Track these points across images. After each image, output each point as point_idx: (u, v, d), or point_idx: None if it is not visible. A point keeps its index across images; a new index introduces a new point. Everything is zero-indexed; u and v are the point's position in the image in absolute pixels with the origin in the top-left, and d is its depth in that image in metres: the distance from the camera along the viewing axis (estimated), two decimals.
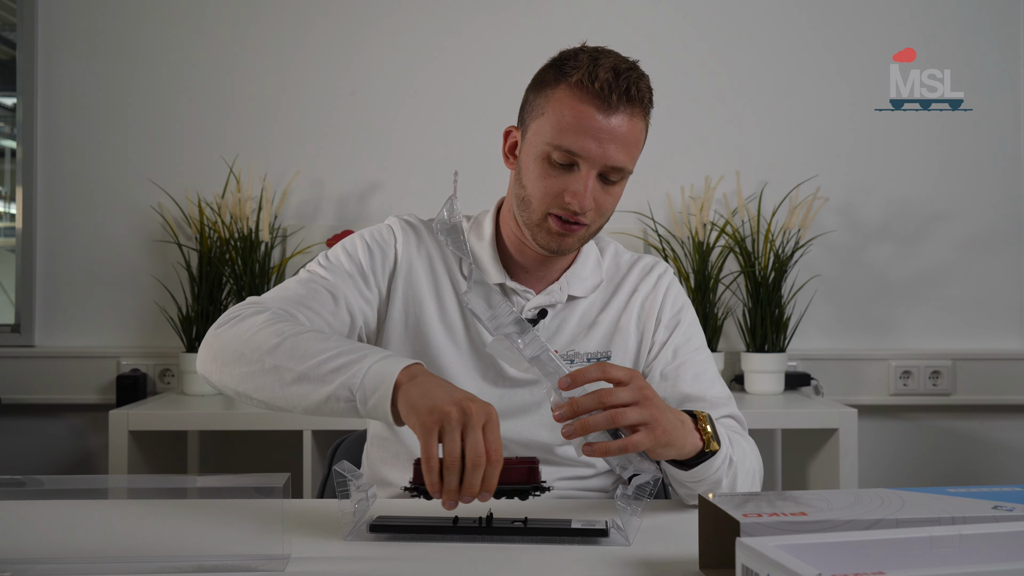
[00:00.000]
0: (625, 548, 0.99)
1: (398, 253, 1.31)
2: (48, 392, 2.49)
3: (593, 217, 1.23)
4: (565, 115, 1.18)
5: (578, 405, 0.99)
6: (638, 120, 1.21)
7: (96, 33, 2.55)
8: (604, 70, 1.17)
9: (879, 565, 0.69)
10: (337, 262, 1.28)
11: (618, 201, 1.26)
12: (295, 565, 0.92)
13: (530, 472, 0.98)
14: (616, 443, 0.99)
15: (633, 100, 1.18)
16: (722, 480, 1.14)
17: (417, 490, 0.96)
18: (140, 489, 1.13)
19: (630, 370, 1.03)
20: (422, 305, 1.29)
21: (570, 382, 1.00)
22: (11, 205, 2.66)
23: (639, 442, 1.00)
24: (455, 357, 1.29)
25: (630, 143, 1.20)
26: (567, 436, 1.00)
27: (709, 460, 1.10)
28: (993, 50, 2.63)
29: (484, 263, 1.31)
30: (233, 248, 2.36)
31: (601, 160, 1.18)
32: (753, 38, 2.62)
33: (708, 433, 1.09)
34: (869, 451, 2.56)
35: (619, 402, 0.99)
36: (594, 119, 1.17)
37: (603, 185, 1.21)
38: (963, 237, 2.63)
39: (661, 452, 1.04)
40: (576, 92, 1.18)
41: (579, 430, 0.99)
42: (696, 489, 1.14)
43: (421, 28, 2.57)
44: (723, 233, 2.45)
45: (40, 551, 0.93)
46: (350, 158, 2.57)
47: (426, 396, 0.97)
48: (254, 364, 1.07)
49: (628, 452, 1.00)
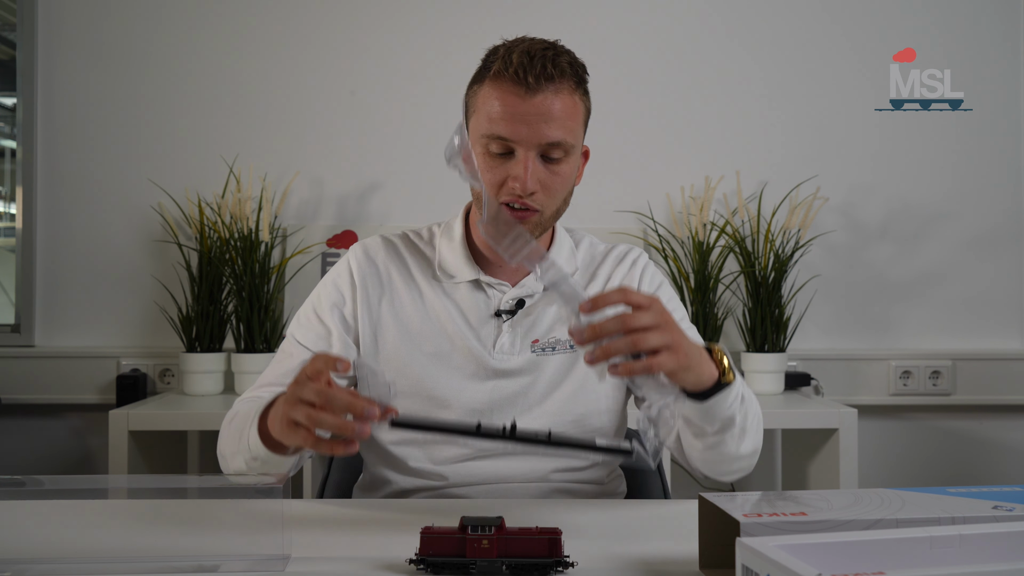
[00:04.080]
0: (625, 547, 0.99)
1: (356, 288, 1.34)
2: (48, 392, 2.49)
3: (543, 200, 1.24)
4: (492, 106, 1.22)
5: (601, 328, 0.99)
6: (566, 95, 1.23)
7: (96, 33, 2.55)
8: (518, 55, 1.21)
9: (879, 565, 0.69)
10: (308, 324, 1.35)
11: (570, 181, 1.28)
12: (295, 565, 0.92)
13: (552, 545, 0.90)
14: (640, 363, 0.99)
15: (552, 77, 1.21)
16: (735, 418, 1.15)
17: (423, 562, 0.89)
18: (140, 489, 1.13)
19: (650, 295, 1.03)
20: (402, 319, 1.33)
21: (591, 306, 1.00)
22: (11, 205, 2.66)
23: (663, 363, 1.00)
24: (441, 359, 1.31)
25: (562, 118, 1.22)
26: (589, 362, 1.00)
27: (725, 391, 1.11)
28: (993, 50, 2.63)
29: (457, 261, 1.35)
30: (233, 248, 2.36)
31: (535, 140, 1.21)
32: (753, 38, 2.62)
33: (724, 364, 1.10)
34: (869, 451, 2.56)
35: (641, 325, 0.99)
36: (517, 104, 1.21)
37: (546, 165, 1.24)
38: (963, 237, 2.63)
39: (682, 376, 1.04)
40: (497, 82, 1.23)
41: (601, 355, 0.99)
42: (709, 429, 1.15)
43: (421, 28, 2.57)
44: (723, 233, 2.45)
45: (40, 551, 0.93)
46: (350, 158, 2.57)
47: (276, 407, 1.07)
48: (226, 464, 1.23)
49: (652, 372, 1.00)
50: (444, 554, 0.89)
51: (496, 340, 1.32)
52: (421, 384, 1.29)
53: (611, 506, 1.25)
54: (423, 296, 1.35)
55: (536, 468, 1.31)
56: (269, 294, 2.38)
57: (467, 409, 1.30)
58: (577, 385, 1.32)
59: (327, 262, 2.51)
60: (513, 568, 0.89)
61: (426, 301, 1.34)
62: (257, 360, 2.32)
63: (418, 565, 0.90)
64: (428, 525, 0.91)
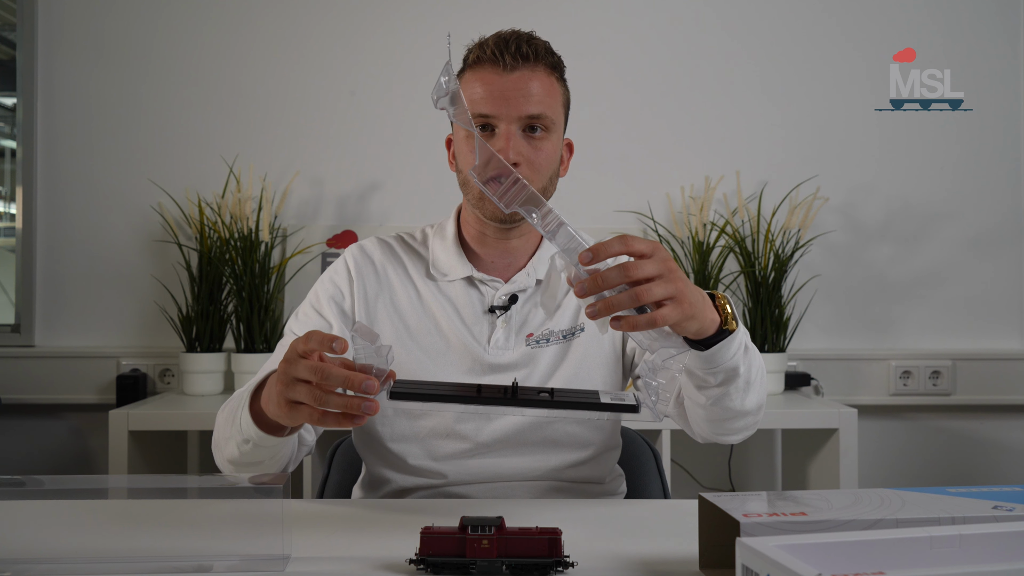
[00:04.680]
0: (625, 547, 0.99)
1: (353, 282, 1.36)
2: (48, 392, 2.49)
3: (528, 174, 1.26)
4: (474, 89, 1.27)
5: (603, 279, 0.94)
6: (543, 75, 1.28)
7: (96, 33, 2.55)
8: (493, 40, 1.28)
9: (879, 565, 0.69)
10: (307, 318, 1.36)
11: (553, 160, 1.30)
12: (295, 565, 0.92)
13: (552, 545, 0.89)
14: (644, 317, 0.95)
15: (528, 57, 1.26)
16: (739, 368, 1.11)
17: (423, 562, 0.89)
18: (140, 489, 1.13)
19: (652, 242, 0.98)
20: (399, 316, 1.35)
21: (592, 256, 0.95)
22: (11, 205, 2.66)
23: (667, 316, 0.96)
24: (438, 355, 1.32)
25: (540, 94, 1.27)
26: (591, 315, 0.96)
27: (728, 339, 1.07)
28: (993, 50, 2.63)
29: (450, 260, 1.37)
30: (233, 248, 2.36)
31: (514, 112, 1.25)
32: (754, 38, 2.62)
33: (728, 312, 1.07)
34: (869, 451, 2.56)
35: (644, 275, 0.95)
36: (495, 81, 1.26)
37: (528, 139, 1.27)
38: (963, 237, 2.63)
39: (685, 325, 1.00)
40: (476, 68, 1.28)
41: (603, 310, 0.95)
42: (713, 380, 1.11)
43: (421, 28, 2.57)
44: (723, 233, 2.45)
45: (40, 551, 0.93)
46: (350, 158, 2.57)
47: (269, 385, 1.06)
48: (218, 455, 1.25)
49: (656, 326, 0.96)
50: (444, 554, 0.89)
51: (491, 336, 1.33)
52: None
53: (611, 506, 1.25)
54: (419, 294, 1.36)
55: (536, 465, 1.31)
56: (269, 294, 2.38)
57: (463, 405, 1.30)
58: (572, 373, 1.32)
59: (327, 262, 2.51)
60: (513, 568, 0.89)
61: (422, 299, 1.36)
62: (257, 360, 2.32)
63: (418, 565, 0.90)
64: (428, 525, 0.91)
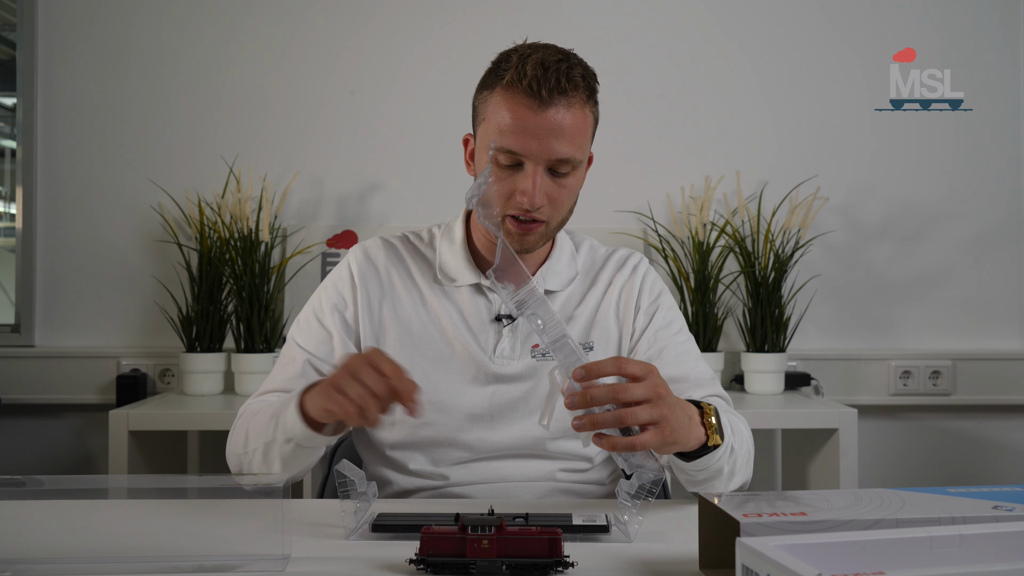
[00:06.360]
0: (625, 547, 0.99)
1: (356, 289, 1.34)
2: (48, 392, 2.48)
3: (549, 212, 1.24)
4: (503, 117, 1.20)
5: (591, 396, 0.99)
6: (577, 109, 1.21)
7: (96, 33, 2.55)
8: (532, 66, 1.18)
9: (879, 565, 0.69)
10: (309, 327, 1.35)
11: (576, 192, 1.27)
12: (295, 565, 0.92)
13: (551, 545, 0.90)
14: (624, 440, 0.99)
15: (566, 91, 1.19)
16: (723, 468, 1.15)
17: (423, 562, 0.90)
18: (140, 489, 1.13)
19: (646, 364, 1.02)
20: (403, 322, 1.33)
21: (584, 374, 1.00)
22: (11, 205, 2.66)
23: (647, 441, 1.00)
24: (442, 363, 1.31)
25: (572, 133, 1.20)
26: (576, 428, 1.00)
27: (711, 453, 1.11)
28: (993, 50, 2.63)
29: (458, 265, 1.34)
30: (233, 248, 2.36)
31: (544, 155, 1.19)
32: (753, 38, 2.62)
33: (712, 426, 1.10)
34: (869, 451, 2.56)
35: (632, 398, 0.99)
36: (529, 117, 1.18)
37: (554, 178, 1.22)
38: (963, 237, 2.63)
39: (666, 448, 1.05)
40: (509, 93, 1.20)
41: (588, 425, 0.99)
42: (697, 477, 1.16)
43: (421, 28, 2.57)
44: (723, 233, 2.45)
45: (40, 551, 0.93)
46: (350, 158, 2.57)
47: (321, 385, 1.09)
48: (247, 459, 1.23)
49: (635, 451, 1.00)
50: (444, 554, 0.90)
51: (497, 345, 1.31)
52: (421, 388, 1.29)
53: (612, 506, 1.25)
54: (424, 299, 1.34)
55: (539, 469, 1.31)
56: (269, 294, 2.38)
57: (467, 414, 1.29)
58: None
59: (327, 262, 2.51)
60: (513, 568, 0.89)
61: (427, 304, 1.34)
62: (257, 360, 2.32)
63: (418, 565, 0.90)
64: (428, 525, 0.91)
